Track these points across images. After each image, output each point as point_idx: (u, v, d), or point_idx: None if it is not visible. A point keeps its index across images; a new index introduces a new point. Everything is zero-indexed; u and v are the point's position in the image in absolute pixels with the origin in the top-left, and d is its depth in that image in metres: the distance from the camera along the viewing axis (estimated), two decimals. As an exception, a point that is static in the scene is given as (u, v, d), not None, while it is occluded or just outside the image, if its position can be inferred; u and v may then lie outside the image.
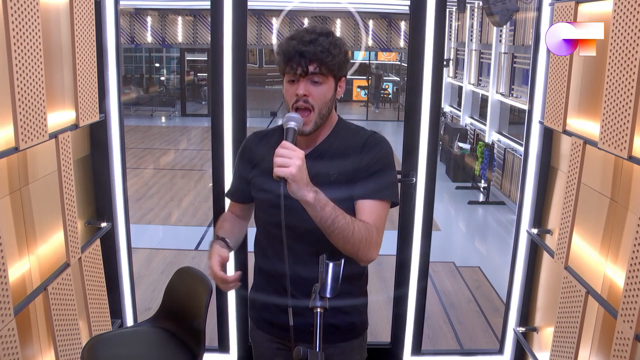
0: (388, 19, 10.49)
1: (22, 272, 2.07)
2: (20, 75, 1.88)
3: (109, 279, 2.81)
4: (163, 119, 14.20)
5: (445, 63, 7.61)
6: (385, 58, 17.38)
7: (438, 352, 3.33)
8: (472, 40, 9.39)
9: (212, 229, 3.75)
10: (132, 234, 2.99)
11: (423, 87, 2.76)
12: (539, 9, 2.74)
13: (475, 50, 9.18)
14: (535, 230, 2.87)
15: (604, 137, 2.13)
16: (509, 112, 8.17)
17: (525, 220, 2.92)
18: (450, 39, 10.60)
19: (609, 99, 2.09)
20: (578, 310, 2.34)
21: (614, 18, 2.05)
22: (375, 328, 3.58)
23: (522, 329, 3.00)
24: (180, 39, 10.88)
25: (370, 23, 10.51)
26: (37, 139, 2.02)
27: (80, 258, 2.48)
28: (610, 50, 2.07)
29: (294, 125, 1.47)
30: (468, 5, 9.06)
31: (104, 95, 2.70)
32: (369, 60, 15.97)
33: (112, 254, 2.88)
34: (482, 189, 7.59)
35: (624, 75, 1.99)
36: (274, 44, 10.23)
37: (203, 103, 15.37)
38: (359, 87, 16.16)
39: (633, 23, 1.94)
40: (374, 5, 10.10)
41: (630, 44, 1.95)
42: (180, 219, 6.33)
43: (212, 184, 2.89)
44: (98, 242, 2.71)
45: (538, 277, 2.94)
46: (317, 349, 1.26)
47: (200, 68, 16.13)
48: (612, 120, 2.07)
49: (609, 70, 2.09)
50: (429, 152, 2.83)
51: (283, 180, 1.37)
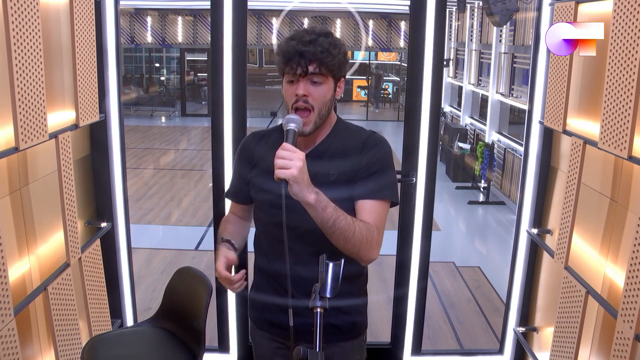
0: (388, 19, 10.48)
1: (22, 272, 2.07)
2: (20, 75, 1.88)
3: (109, 279, 2.81)
4: (163, 119, 14.19)
5: (445, 63, 7.61)
6: (385, 58, 17.37)
7: (438, 352, 3.33)
8: (472, 40, 9.39)
9: (212, 229, 3.76)
10: (132, 234, 2.99)
11: (423, 87, 2.76)
12: (539, 9, 2.74)
13: (475, 50, 9.18)
14: (535, 230, 2.87)
15: (604, 137, 2.13)
16: (509, 112, 8.17)
17: (525, 220, 2.92)
18: (450, 39, 10.60)
19: (609, 99, 2.09)
20: (578, 310, 2.34)
21: (614, 18, 2.05)
22: (375, 328, 3.58)
23: (522, 329, 3.00)
24: (180, 39, 10.88)
25: (370, 23, 10.51)
26: (37, 139, 2.02)
27: (80, 258, 2.48)
28: (610, 50, 2.07)
29: (294, 127, 1.47)
30: (468, 5, 9.06)
31: (104, 95, 2.70)
32: (369, 60, 15.95)
33: (112, 254, 2.88)
34: (482, 189, 7.59)
35: (624, 75, 1.99)
36: (274, 44, 10.23)
37: (203, 103, 15.37)
38: (359, 87, 16.15)
39: (633, 23, 1.94)
40: (374, 5, 10.10)
41: (630, 44, 1.95)
42: (180, 219, 6.33)
43: (212, 184, 2.89)
44: (98, 242, 2.72)
45: (538, 277, 2.94)
46: (317, 349, 1.26)
47: (200, 68, 16.13)
48: (612, 120, 2.07)
49: (609, 70, 2.09)
50: (429, 152, 2.83)
51: (284, 182, 1.38)
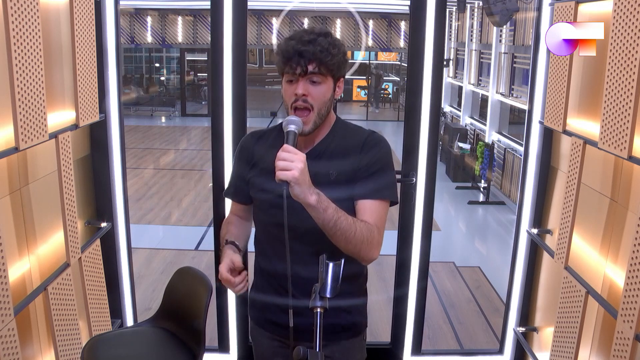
0: (388, 19, 10.48)
1: (22, 272, 2.07)
2: (20, 75, 1.88)
3: (109, 279, 2.81)
4: (163, 119, 14.19)
5: (445, 63, 7.60)
6: (385, 58, 17.37)
7: (438, 352, 3.33)
8: (472, 40, 9.39)
9: (212, 229, 3.76)
10: (132, 234, 2.99)
11: (423, 87, 2.76)
12: (539, 9, 2.74)
13: (475, 50, 9.18)
14: (535, 230, 2.87)
15: (604, 137, 2.13)
16: (509, 112, 8.17)
17: (525, 220, 2.92)
18: (450, 39, 10.60)
19: (609, 99, 2.09)
20: (578, 310, 2.34)
21: (614, 18, 2.04)
22: (375, 328, 3.58)
23: (522, 329, 3.00)
24: (180, 39, 10.88)
25: (370, 23, 10.51)
26: (37, 139, 2.02)
27: (80, 258, 2.48)
28: (610, 50, 2.07)
29: (294, 129, 1.47)
30: (468, 5, 9.06)
31: (104, 95, 2.70)
32: (369, 60, 15.95)
33: (112, 254, 2.88)
34: (482, 189, 7.59)
35: (624, 75, 1.99)
36: (274, 44, 10.23)
37: (203, 103, 15.36)
38: (359, 87, 16.15)
39: (633, 23, 1.94)
40: (374, 5, 10.10)
41: (630, 44, 1.95)
42: (180, 219, 6.33)
43: (212, 184, 2.89)
44: (98, 242, 2.72)
45: (538, 277, 2.94)
46: (317, 349, 1.26)
47: (200, 68, 16.12)
48: (612, 120, 2.07)
49: (609, 70, 2.09)
50: (429, 152, 2.83)
51: (286, 184, 1.38)
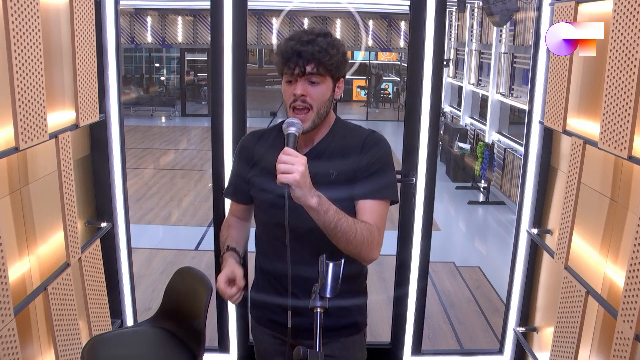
0: (388, 19, 10.48)
1: (22, 272, 2.07)
2: (20, 75, 1.88)
3: (109, 279, 2.81)
4: (163, 119, 14.19)
5: (445, 63, 7.61)
6: (385, 58, 17.37)
7: (438, 352, 3.33)
8: (472, 40, 9.39)
9: (212, 229, 3.75)
10: (132, 234, 2.99)
11: (423, 87, 2.76)
12: (539, 9, 2.73)
13: (475, 50, 9.18)
14: (535, 230, 2.87)
15: (604, 137, 2.13)
16: (509, 112, 8.17)
17: (525, 220, 2.92)
18: (450, 39, 10.60)
19: (609, 99, 2.09)
20: (578, 310, 2.34)
21: (614, 18, 2.04)
22: (375, 328, 3.58)
23: (522, 329, 3.00)
24: (180, 39, 10.89)
25: (370, 23, 10.51)
26: (37, 139, 2.02)
27: (80, 258, 2.48)
28: (610, 50, 2.07)
29: (295, 131, 1.47)
30: (468, 5, 9.06)
31: (104, 95, 2.70)
32: (369, 60, 15.95)
33: (112, 254, 2.88)
34: (482, 189, 7.59)
35: (624, 75, 1.99)
36: (274, 44, 10.23)
37: (203, 103, 15.37)
38: (359, 87, 16.15)
39: (633, 23, 1.94)
40: (374, 5, 10.10)
41: (630, 44, 1.95)
42: (180, 219, 6.33)
43: (212, 184, 2.89)
44: (98, 242, 2.72)
45: (538, 277, 2.94)
46: (317, 349, 1.26)
47: (200, 68, 16.13)
48: (612, 120, 2.07)
49: (609, 70, 2.09)
50: (429, 152, 2.83)
51: (287, 186, 1.38)
